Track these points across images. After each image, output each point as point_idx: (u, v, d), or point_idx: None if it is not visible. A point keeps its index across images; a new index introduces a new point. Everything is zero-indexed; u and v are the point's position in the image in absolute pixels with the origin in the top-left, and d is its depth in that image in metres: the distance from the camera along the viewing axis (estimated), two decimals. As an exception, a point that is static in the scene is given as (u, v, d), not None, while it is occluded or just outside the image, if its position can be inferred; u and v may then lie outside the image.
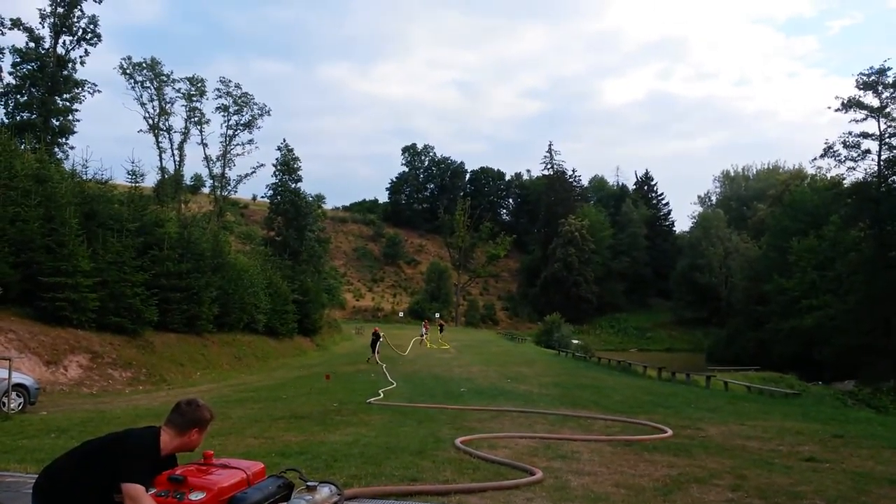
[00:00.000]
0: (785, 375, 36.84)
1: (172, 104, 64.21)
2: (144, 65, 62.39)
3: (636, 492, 6.59)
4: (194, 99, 64.43)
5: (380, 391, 16.10)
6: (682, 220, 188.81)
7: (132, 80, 62.09)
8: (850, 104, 40.08)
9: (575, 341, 51.49)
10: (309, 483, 3.09)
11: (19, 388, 13.33)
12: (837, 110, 40.79)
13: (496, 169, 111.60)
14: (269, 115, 68.04)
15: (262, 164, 69.41)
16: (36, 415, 12.76)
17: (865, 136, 40.07)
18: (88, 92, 47.56)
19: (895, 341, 35.70)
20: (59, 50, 45.43)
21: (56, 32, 45.03)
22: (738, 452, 8.85)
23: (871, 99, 39.94)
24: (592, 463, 7.96)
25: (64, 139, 45.87)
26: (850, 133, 40.59)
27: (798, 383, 32.22)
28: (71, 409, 13.86)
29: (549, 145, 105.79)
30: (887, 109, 39.48)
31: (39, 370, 17.57)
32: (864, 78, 39.71)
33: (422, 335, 43.63)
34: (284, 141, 73.76)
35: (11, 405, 12.78)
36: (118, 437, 3.35)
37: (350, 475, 7.00)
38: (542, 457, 8.26)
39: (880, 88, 39.35)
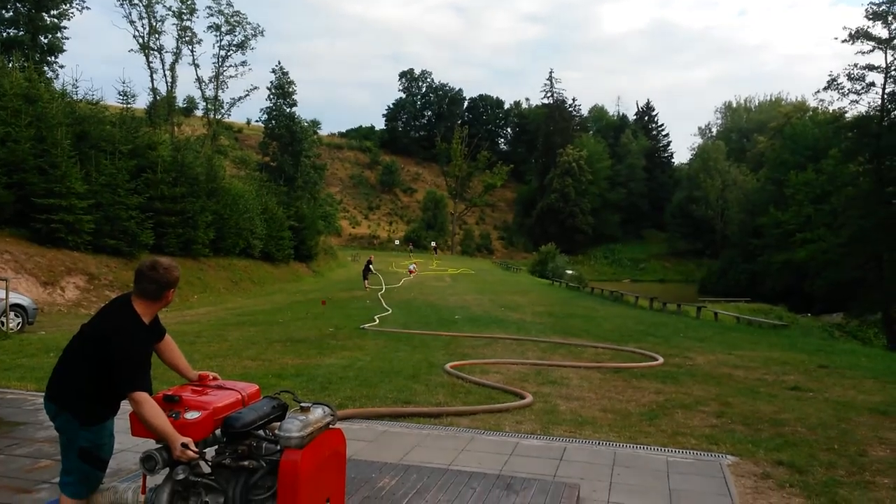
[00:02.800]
0: (775, 307, 37.43)
1: (163, 22, 62.10)
2: (133, -20, 60.02)
3: (622, 416, 6.78)
4: (185, 17, 62.33)
5: (375, 317, 16.32)
6: (681, 152, 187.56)
7: (120, -4, 59.85)
8: (857, 35, 39.05)
9: (569, 271, 51.80)
10: (303, 404, 3.14)
11: (17, 308, 13.46)
12: (844, 41, 39.71)
13: (495, 97, 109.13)
14: (263, 35, 66.11)
15: (255, 87, 67.86)
16: (34, 334, 12.93)
17: (871, 68, 39.25)
18: (77, 8, 45.95)
19: (886, 276, 36.03)
20: (45, -38, 43.65)
21: (40, -57, 43.12)
22: (724, 381, 9.06)
23: (879, 30, 38.94)
24: (581, 389, 8.15)
25: (53, 58, 44.51)
26: (855, 65, 39.75)
27: (787, 315, 32.76)
28: (69, 329, 13.98)
29: (550, 73, 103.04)
30: (896, 41, 38.56)
31: (36, 291, 17.70)
32: (875, 7, 38.61)
33: (410, 271, 41.02)
34: (279, 63, 72.33)
35: (10, 325, 12.93)
36: (101, 337, 3.05)
37: (345, 397, 7.18)
38: (532, 382, 8.45)
39: (890, 19, 38.31)
